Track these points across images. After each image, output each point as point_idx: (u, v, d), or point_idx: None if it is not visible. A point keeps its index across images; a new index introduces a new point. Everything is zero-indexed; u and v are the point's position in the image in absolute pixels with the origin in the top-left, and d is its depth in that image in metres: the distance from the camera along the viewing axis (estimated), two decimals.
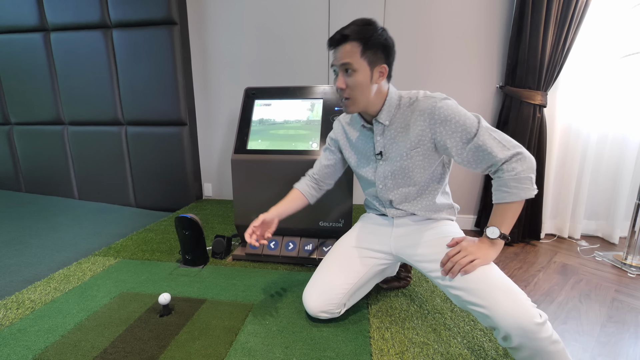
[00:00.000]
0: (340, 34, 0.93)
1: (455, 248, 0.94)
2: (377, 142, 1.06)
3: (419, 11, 2.13)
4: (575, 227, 2.12)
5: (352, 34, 0.92)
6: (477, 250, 0.91)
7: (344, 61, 0.94)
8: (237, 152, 1.62)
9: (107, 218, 2.31)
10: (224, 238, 1.66)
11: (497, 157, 0.88)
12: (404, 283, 1.39)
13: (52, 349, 1.01)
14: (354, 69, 0.94)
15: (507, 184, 0.89)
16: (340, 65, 0.95)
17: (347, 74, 0.95)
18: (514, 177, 0.88)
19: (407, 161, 1.02)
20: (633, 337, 1.21)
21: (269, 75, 2.43)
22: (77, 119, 2.59)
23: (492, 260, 0.91)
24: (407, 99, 1.01)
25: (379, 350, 1.02)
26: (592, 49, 1.92)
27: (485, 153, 0.90)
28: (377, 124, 1.04)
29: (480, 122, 0.92)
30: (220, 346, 1.03)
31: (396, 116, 1.01)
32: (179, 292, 1.33)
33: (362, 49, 0.92)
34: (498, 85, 2.09)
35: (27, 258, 1.66)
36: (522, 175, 0.87)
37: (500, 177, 0.90)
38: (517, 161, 0.88)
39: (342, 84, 0.96)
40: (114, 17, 2.33)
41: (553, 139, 2.03)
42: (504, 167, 0.89)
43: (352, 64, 0.93)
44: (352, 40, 0.92)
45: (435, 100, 0.96)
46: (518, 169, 0.87)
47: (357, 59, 0.93)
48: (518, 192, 0.88)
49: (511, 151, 0.88)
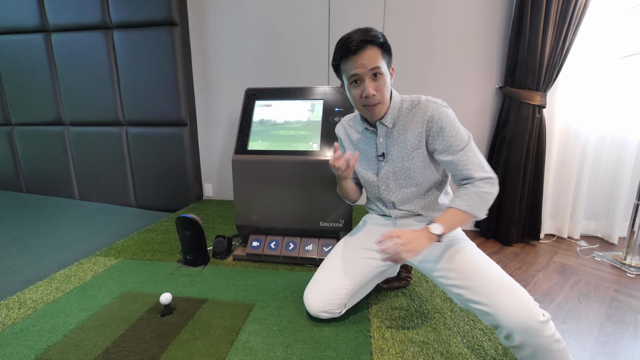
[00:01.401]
0: (359, 40, 0.92)
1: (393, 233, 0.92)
2: (380, 144, 1.08)
3: (418, 12, 2.13)
4: (574, 227, 2.13)
5: (374, 39, 0.93)
6: (412, 240, 0.90)
7: (374, 65, 0.93)
8: (237, 152, 1.62)
9: (108, 218, 2.32)
10: (224, 238, 1.67)
11: (473, 174, 0.95)
12: (404, 283, 1.39)
13: (54, 348, 1.02)
14: (381, 72, 0.95)
15: (469, 195, 0.94)
16: (369, 70, 0.94)
17: (375, 78, 0.95)
18: (478, 193, 0.94)
19: (408, 162, 1.04)
20: (632, 337, 1.22)
21: (269, 76, 2.43)
22: (77, 120, 2.60)
23: (421, 251, 0.90)
24: (409, 102, 1.04)
25: (379, 349, 1.02)
26: (591, 49, 1.93)
27: (464, 167, 0.96)
28: (382, 127, 1.06)
29: (470, 140, 0.97)
30: (222, 345, 1.03)
31: (399, 118, 1.04)
32: (180, 292, 1.34)
33: (382, 52, 0.95)
34: (497, 86, 2.10)
35: (28, 258, 1.67)
36: (485, 196, 0.94)
37: (467, 188, 0.95)
38: (488, 183, 0.95)
39: (373, 90, 0.95)
40: (114, 18, 2.34)
41: (552, 139, 2.04)
42: (475, 182, 0.95)
43: (380, 67, 0.94)
44: (374, 45, 0.93)
45: (437, 106, 0.98)
46: (486, 189, 0.94)
47: (380, 61, 0.94)
48: (475, 207, 0.94)
49: (488, 174, 0.95)
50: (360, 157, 1.16)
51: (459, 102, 2.16)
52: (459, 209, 0.94)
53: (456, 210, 0.95)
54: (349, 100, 1.64)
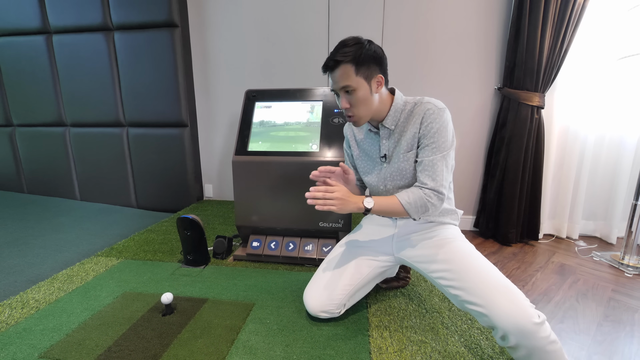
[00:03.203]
0: (332, 60, 0.98)
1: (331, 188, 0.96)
2: (383, 145, 1.10)
3: (417, 13, 2.15)
4: (573, 227, 2.14)
5: (343, 58, 0.97)
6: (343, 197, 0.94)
7: (343, 84, 0.99)
8: (238, 153, 1.63)
9: (109, 219, 2.33)
10: (225, 238, 1.68)
11: (430, 183, 0.98)
12: (403, 283, 1.40)
13: (56, 347, 1.03)
14: (353, 89, 0.98)
15: (416, 198, 0.98)
16: (340, 88, 1.00)
17: (348, 94, 1.00)
18: (423, 199, 0.98)
19: (403, 163, 1.06)
20: (629, 336, 1.23)
21: (269, 78, 2.45)
22: (79, 121, 2.61)
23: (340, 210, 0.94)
24: (411, 104, 1.06)
25: (377, 348, 1.03)
26: (589, 50, 1.94)
27: (429, 173, 0.99)
28: (384, 129, 1.08)
29: (449, 151, 1.00)
30: (222, 344, 1.04)
31: (400, 120, 1.06)
32: (181, 292, 1.35)
33: (355, 69, 0.97)
34: (496, 86, 2.11)
35: (30, 258, 1.68)
36: (427, 205, 0.98)
37: (418, 189, 0.99)
38: (437, 197, 0.98)
39: (345, 104, 1.01)
40: (115, 19, 2.35)
41: (551, 140, 2.05)
42: (427, 191, 0.98)
43: (350, 84, 0.98)
44: (345, 63, 0.97)
45: (434, 108, 1.00)
46: (432, 200, 0.98)
47: (353, 78, 0.97)
48: (410, 206, 0.98)
49: (443, 189, 0.99)
50: (365, 158, 1.18)
51: (458, 103, 2.18)
52: (400, 201, 0.98)
53: (396, 200, 0.99)
54: None
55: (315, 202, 0.93)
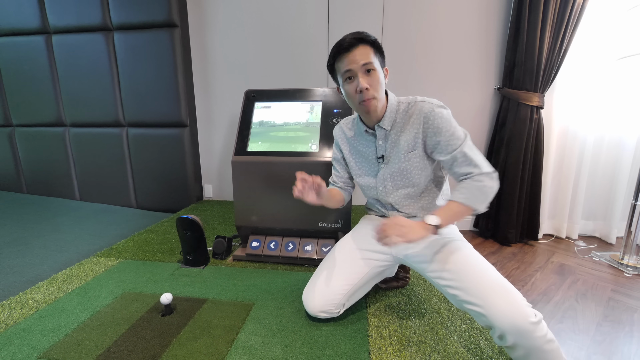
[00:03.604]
0: (354, 39, 0.96)
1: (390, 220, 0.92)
2: (379, 147, 1.09)
3: (417, 13, 2.15)
4: (572, 227, 2.14)
5: (366, 37, 0.97)
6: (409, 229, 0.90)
7: (366, 61, 0.97)
8: (237, 153, 1.63)
9: (109, 219, 2.33)
10: (224, 239, 1.68)
11: (473, 170, 0.95)
12: (402, 283, 1.40)
13: (56, 347, 1.03)
14: (373, 68, 0.97)
15: (469, 188, 0.94)
16: (362, 66, 0.97)
17: (368, 74, 0.98)
18: (479, 187, 0.94)
19: (405, 163, 1.05)
20: (628, 336, 1.23)
21: (268, 78, 2.45)
22: (78, 121, 2.61)
23: (416, 241, 0.90)
24: (405, 103, 1.05)
25: (377, 348, 1.03)
26: (588, 51, 1.94)
27: (463, 165, 0.96)
28: (380, 129, 1.07)
29: (467, 137, 0.98)
30: (221, 345, 1.04)
31: (396, 121, 1.05)
32: (181, 292, 1.35)
33: (374, 51, 0.98)
34: (496, 87, 2.11)
35: (29, 259, 1.68)
36: (485, 189, 0.93)
37: (467, 182, 0.96)
38: (488, 177, 0.95)
39: (366, 84, 0.97)
40: (115, 19, 2.35)
41: (550, 140, 2.05)
42: (475, 177, 0.95)
43: (372, 63, 0.97)
44: (366, 43, 0.97)
45: (432, 106, 1.00)
46: (486, 183, 0.94)
47: (373, 58, 0.97)
48: (474, 200, 0.94)
49: (487, 169, 0.95)
50: (360, 160, 1.18)
51: (457, 103, 2.18)
52: (458, 202, 0.94)
53: (455, 203, 0.95)
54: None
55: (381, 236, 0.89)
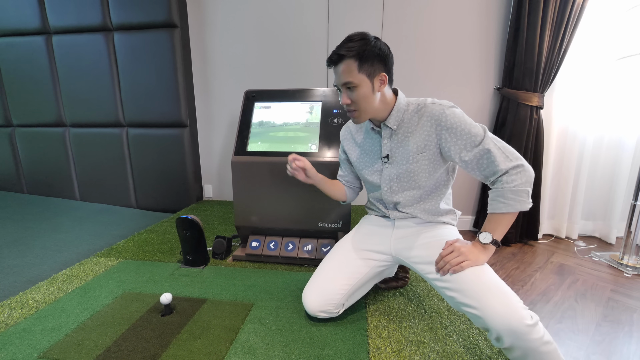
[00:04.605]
0: (336, 54, 0.97)
1: (448, 248, 0.96)
2: (385, 146, 1.09)
3: (416, 14, 2.15)
4: (572, 227, 2.14)
5: (347, 53, 0.96)
6: (469, 252, 0.93)
7: (345, 80, 0.98)
8: (237, 154, 1.64)
9: (109, 219, 2.33)
10: (224, 239, 1.68)
11: (499, 167, 0.91)
12: (401, 283, 1.41)
13: (56, 347, 1.03)
14: (354, 85, 0.98)
15: (504, 195, 0.91)
16: (342, 84, 0.99)
17: (349, 90, 0.99)
18: (512, 189, 0.90)
19: (413, 165, 1.05)
20: (627, 336, 1.23)
21: (268, 78, 2.45)
22: (78, 121, 2.62)
23: (482, 263, 0.93)
24: (415, 104, 1.05)
25: (376, 348, 1.03)
26: (588, 51, 1.94)
27: (488, 162, 0.93)
28: (385, 128, 1.07)
29: (486, 132, 0.95)
30: (221, 345, 1.05)
31: (404, 121, 1.05)
32: (180, 292, 1.35)
33: (358, 65, 0.96)
34: (495, 87, 2.11)
35: (29, 259, 1.68)
36: (520, 188, 0.89)
37: (499, 187, 0.93)
38: (517, 173, 0.90)
39: (347, 100, 1.01)
40: (115, 20, 2.36)
41: (550, 140, 2.05)
42: (503, 178, 0.91)
43: (352, 81, 0.97)
44: (348, 59, 0.96)
45: (443, 108, 0.99)
46: (517, 182, 0.89)
47: (355, 75, 0.97)
48: (514, 204, 0.90)
49: (513, 162, 0.91)
50: (365, 158, 1.17)
51: (457, 103, 2.12)
52: (501, 213, 0.92)
53: (498, 215, 0.93)
54: None
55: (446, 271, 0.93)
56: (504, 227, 0.94)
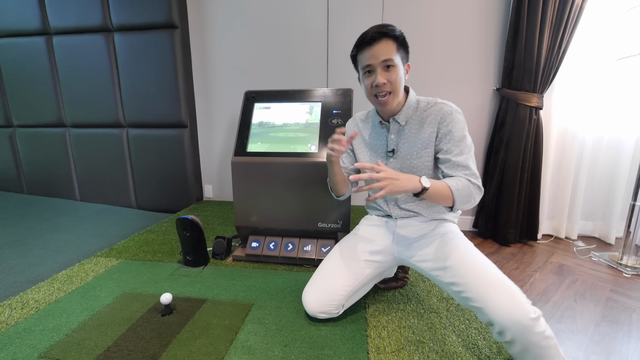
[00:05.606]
0: (376, 32, 0.97)
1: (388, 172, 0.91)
2: (391, 140, 1.10)
3: (416, 14, 2.15)
4: (572, 227, 2.15)
5: (389, 32, 0.97)
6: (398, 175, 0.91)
7: (386, 57, 0.98)
8: (237, 154, 1.64)
9: (109, 219, 2.33)
10: (224, 239, 1.69)
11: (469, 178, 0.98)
12: (401, 283, 1.41)
13: (56, 347, 1.04)
14: (393, 64, 0.99)
15: (463, 183, 0.96)
16: (382, 62, 0.99)
17: (387, 70, 1.00)
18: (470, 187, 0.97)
19: (416, 160, 1.07)
20: (626, 336, 1.23)
21: (268, 78, 2.45)
22: (79, 122, 2.62)
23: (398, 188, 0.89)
24: (425, 102, 1.08)
25: (375, 348, 1.04)
26: (587, 51, 1.94)
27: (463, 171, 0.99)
28: (394, 123, 1.09)
29: (471, 151, 1.02)
30: (221, 344, 1.05)
31: (412, 117, 1.07)
32: (180, 292, 1.36)
33: (397, 46, 0.99)
34: (495, 87, 2.12)
35: (30, 259, 1.69)
36: (473, 195, 0.97)
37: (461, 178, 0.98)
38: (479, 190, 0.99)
39: (383, 80, 0.99)
40: (115, 21, 2.36)
41: (549, 140, 2.05)
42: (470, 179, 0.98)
43: (393, 59, 0.98)
44: (389, 38, 0.98)
45: (451, 109, 1.03)
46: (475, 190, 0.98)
47: (394, 54, 0.99)
48: (460, 195, 0.95)
49: (479, 183, 0.99)
50: (369, 152, 1.18)
51: (456, 103, 2.12)
52: (449, 186, 0.95)
53: (446, 185, 0.95)
54: (347, 102, 1.66)
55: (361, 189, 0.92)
56: (439, 195, 0.94)
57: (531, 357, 0.82)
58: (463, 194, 0.96)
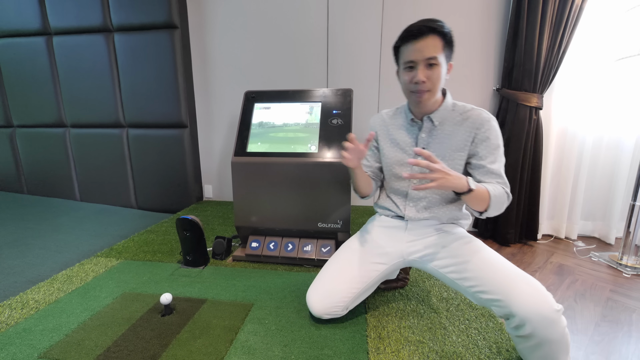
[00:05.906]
0: (425, 26, 0.93)
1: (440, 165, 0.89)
2: (421, 139, 1.08)
3: (416, 15, 2.14)
4: (572, 227, 2.15)
5: (438, 27, 0.93)
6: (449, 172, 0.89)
7: (431, 55, 0.94)
8: (237, 154, 1.64)
9: (109, 219, 2.33)
10: (224, 239, 1.69)
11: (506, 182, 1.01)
12: (401, 284, 1.41)
13: (56, 347, 1.04)
14: (437, 63, 0.95)
15: (499, 190, 0.97)
16: (426, 59, 0.95)
17: (430, 67, 0.96)
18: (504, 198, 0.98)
19: (448, 162, 1.05)
20: (626, 336, 1.23)
21: (268, 78, 2.45)
22: (79, 122, 2.62)
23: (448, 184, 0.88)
24: (461, 106, 1.06)
25: (375, 348, 1.04)
26: (587, 52, 1.94)
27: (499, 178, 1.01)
28: (428, 122, 1.07)
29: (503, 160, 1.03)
30: (221, 345, 1.05)
31: (447, 119, 1.05)
32: (180, 292, 1.36)
33: (443, 44, 0.95)
34: (495, 87, 2.12)
35: (30, 259, 1.69)
36: (504, 202, 0.98)
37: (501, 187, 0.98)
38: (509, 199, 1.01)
39: (423, 77, 0.96)
40: (115, 21, 2.36)
41: (549, 140, 2.05)
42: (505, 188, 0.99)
43: (437, 57, 0.94)
44: (437, 34, 0.93)
45: (489, 117, 1.02)
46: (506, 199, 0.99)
47: (439, 53, 0.95)
48: (496, 201, 0.95)
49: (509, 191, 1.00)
50: (396, 149, 1.14)
51: None
52: (488, 191, 0.94)
53: (486, 190, 0.94)
54: (347, 102, 1.67)
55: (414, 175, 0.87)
56: (479, 197, 0.94)
57: (542, 353, 0.81)
58: (498, 201, 0.96)
